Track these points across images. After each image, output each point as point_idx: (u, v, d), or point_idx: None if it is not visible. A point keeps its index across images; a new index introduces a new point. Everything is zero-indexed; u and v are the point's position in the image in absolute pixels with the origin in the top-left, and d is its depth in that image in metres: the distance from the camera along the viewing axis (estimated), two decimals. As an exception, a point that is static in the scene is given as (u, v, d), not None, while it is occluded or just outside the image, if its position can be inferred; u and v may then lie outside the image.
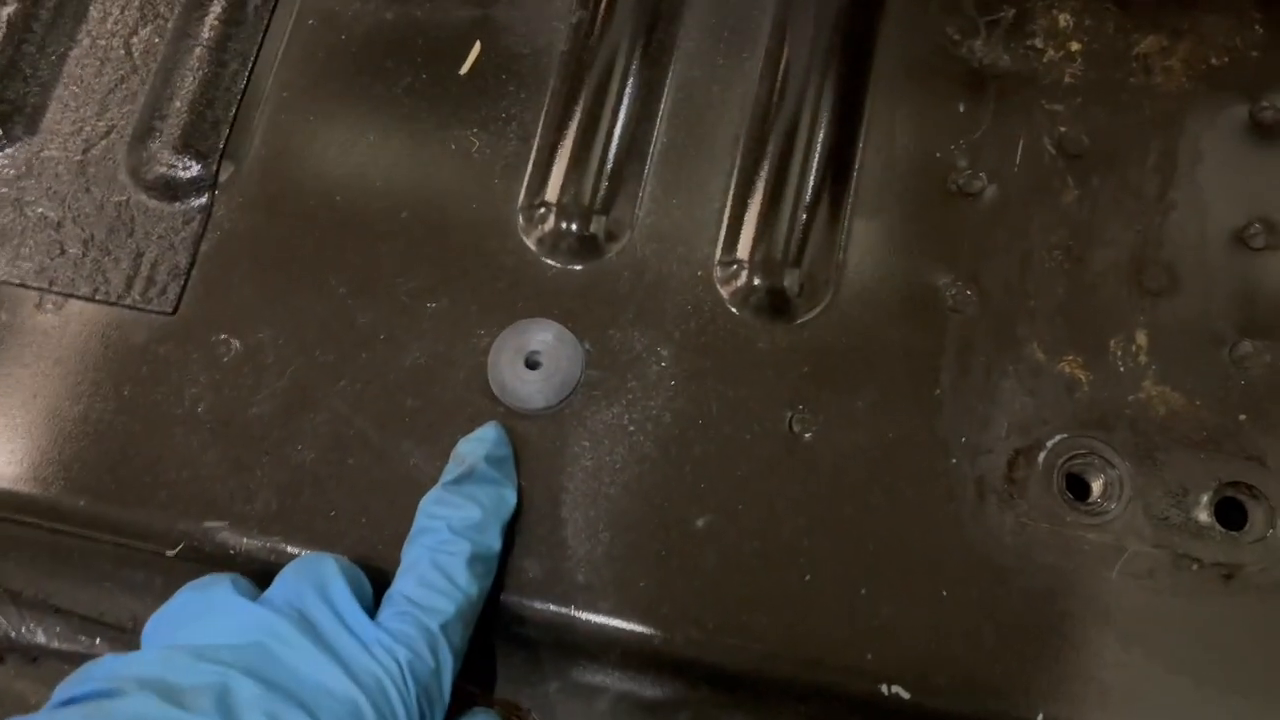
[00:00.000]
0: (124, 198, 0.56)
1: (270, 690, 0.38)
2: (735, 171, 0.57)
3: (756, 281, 0.54)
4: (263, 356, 0.54)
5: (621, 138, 0.57)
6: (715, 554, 0.51)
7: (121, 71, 0.58)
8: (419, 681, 0.41)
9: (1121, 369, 0.53)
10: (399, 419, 0.53)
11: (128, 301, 0.54)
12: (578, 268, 0.55)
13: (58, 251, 0.55)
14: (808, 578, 0.50)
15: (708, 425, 0.53)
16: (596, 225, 0.55)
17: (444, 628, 0.43)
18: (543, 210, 0.56)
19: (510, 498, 0.49)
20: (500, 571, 0.50)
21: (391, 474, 0.52)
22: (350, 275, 0.55)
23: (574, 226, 0.55)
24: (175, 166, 0.56)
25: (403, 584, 0.45)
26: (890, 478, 0.52)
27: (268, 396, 0.53)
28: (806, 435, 0.53)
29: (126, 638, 0.52)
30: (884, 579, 0.50)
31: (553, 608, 0.50)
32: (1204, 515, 0.51)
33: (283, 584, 0.44)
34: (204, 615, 0.42)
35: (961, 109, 0.57)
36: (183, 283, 0.54)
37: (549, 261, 0.55)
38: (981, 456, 0.52)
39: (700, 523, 0.51)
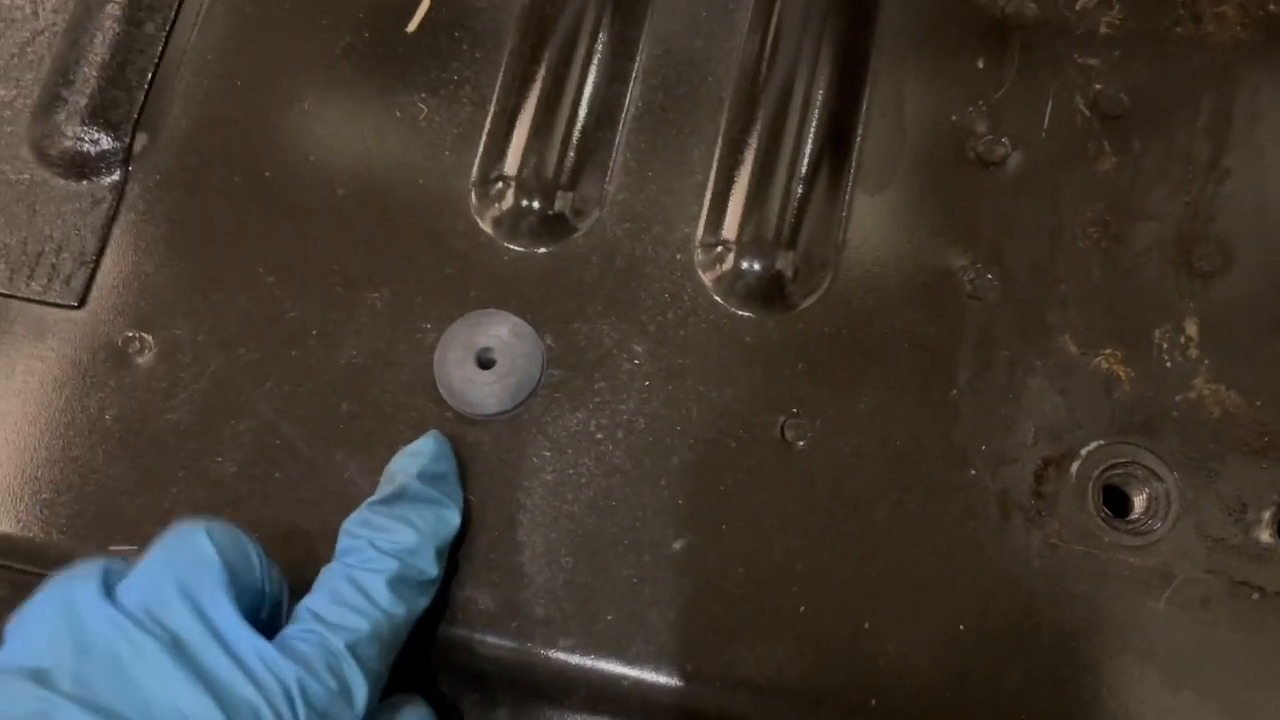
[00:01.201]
0: (25, 176, 0.49)
1: None
2: (720, 139, 0.49)
3: (745, 265, 0.47)
4: (179, 355, 0.47)
5: (590, 102, 0.50)
6: (695, 581, 0.44)
7: (27, 33, 0.52)
8: (313, 707, 0.35)
9: (1168, 364, 0.46)
10: (332, 426, 0.46)
11: (26, 293, 0.48)
12: (539, 251, 0.48)
13: (-51, 237, 0.48)
14: (802, 609, 0.43)
15: (687, 432, 0.46)
16: (561, 202, 0.48)
17: (353, 647, 0.37)
18: (499, 185, 0.49)
19: (452, 518, 0.42)
20: (447, 602, 0.43)
21: (323, 490, 0.45)
22: (279, 262, 0.48)
23: (535, 204, 0.48)
24: (83, 140, 0.49)
25: (311, 600, 0.38)
26: (898, 492, 0.45)
27: (184, 401, 0.46)
28: (801, 443, 0.45)
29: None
30: (891, 610, 0.43)
31: (508, 644, 0.44)
32: (1266, 535, 0.44)
33: (145, 575, 0.36)
34: (58, 620, 0.35)
35: (981, 65, 0.50)
36: (90, 271, 0.48)
37: (506, 244, 0.48)
38: (1005, 467, 0.45)
39: (678, 545, 0.44)
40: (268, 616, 0.38)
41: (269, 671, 0.34)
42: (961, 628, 0.43)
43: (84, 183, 0.49)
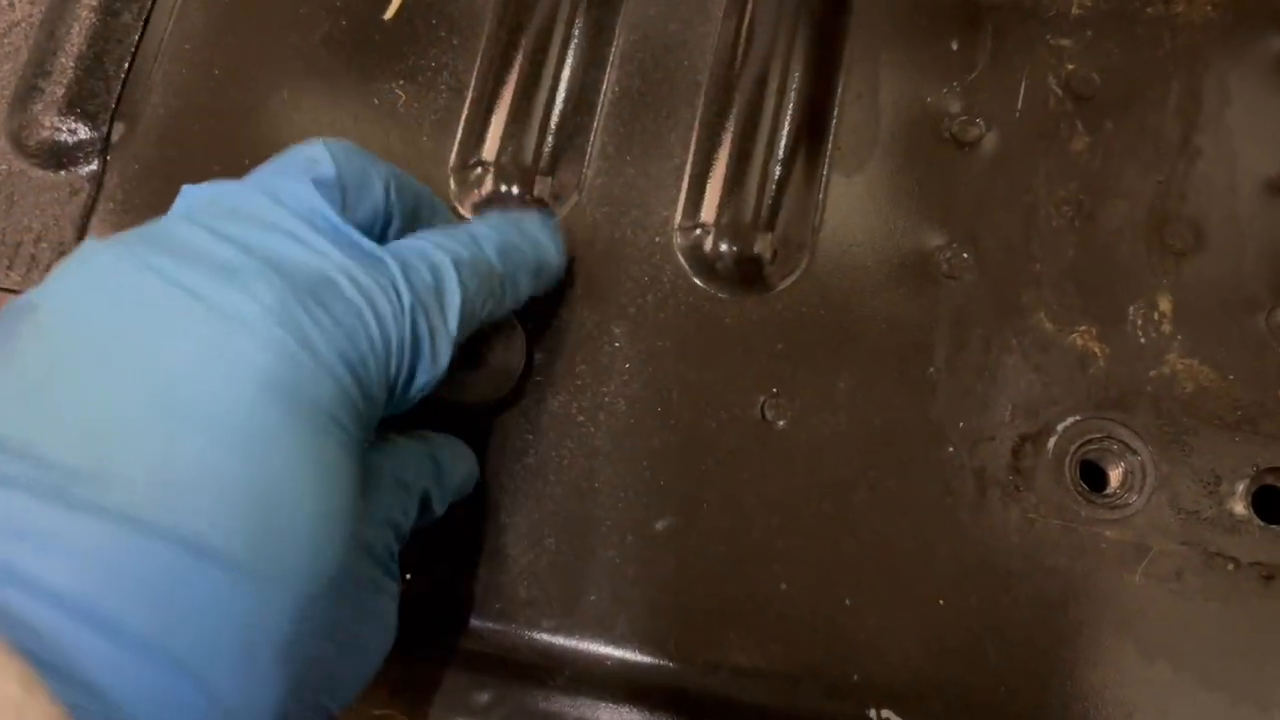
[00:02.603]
0: (3, 167, 0.49)
1: None
2: (697, 123, 0.50)
3: (723, 248, 0.47)
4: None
5: (568, 87, 0.50)
6: (677, 561, 0.44)
7: (3, 24, 0.52)
8: (415, 292, 0.34)
9: (1142, 340, 0.46)
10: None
11: (6, 284, 0.48)
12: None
13: (-74, 229, 0.48)
14: (783, 586, 0.44)
15: (668, 413, 0.46)
16: (540, 187, 0.48)
17: (456, 264, 0.36)
18: (479, 171, 0.49)
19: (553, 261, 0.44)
20: (430, 583, 0.44)
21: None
22: (259, 249, 0.48)
23: (514, 189, 0.48)
24: (60, 130, 0.49)
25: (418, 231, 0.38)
26: (877, 470, 0.45)
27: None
28: (780, 423, 0.46)
29: None
30: (871, 587, 0.44)
31: (491, 626, 0.44)
32: (1240, 507, 0.44)
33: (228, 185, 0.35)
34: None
35: (955, 46, 0.50)
36: (69, 262, 0.48)
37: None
38: (982, 444, 0.45)
39: (660, 525, 0.45)
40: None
41: (369, 255, 0.34)
42: (941, 603, 0.43)
43: (62, 173, 0.49)
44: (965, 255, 0.47)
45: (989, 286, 0.47)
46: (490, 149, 0.49)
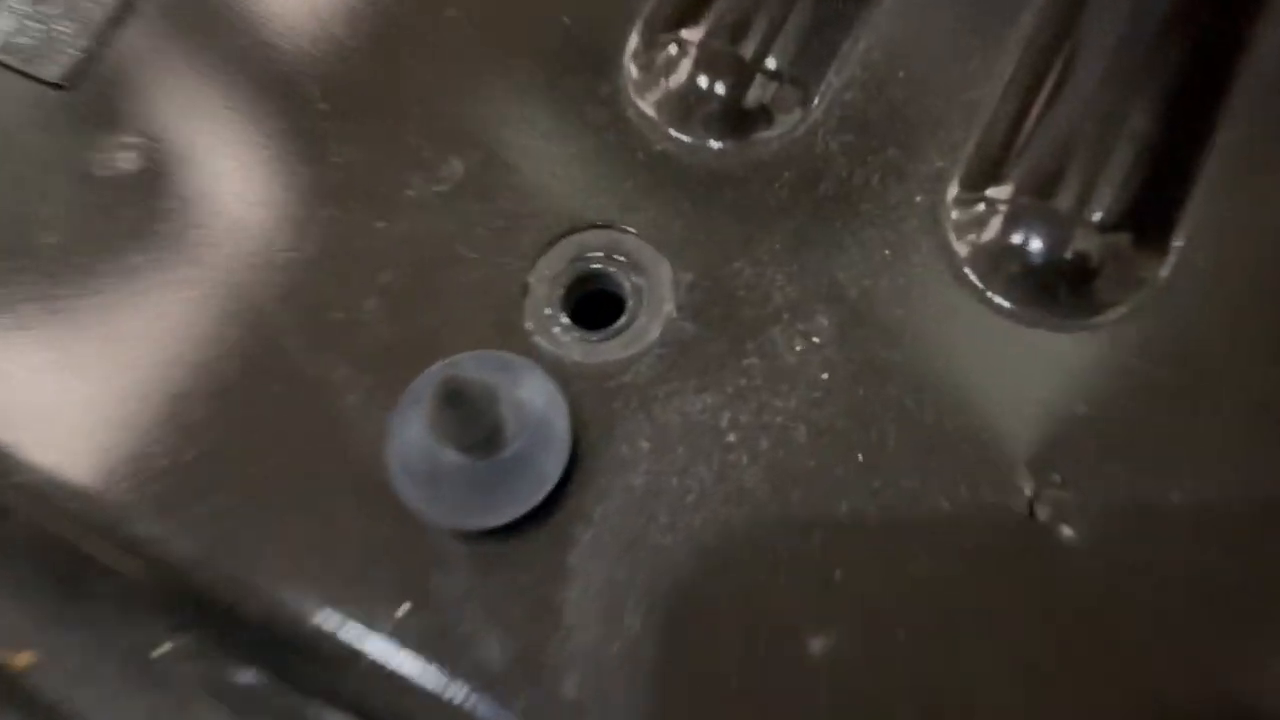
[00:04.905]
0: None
1: None
2: (1022, 46, 0.32)
3: (1020, 239, 0.29)
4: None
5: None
6: (833, 709, 0.26)
7: None
8: None
9: None
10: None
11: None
12: (710, 144, 0.32)
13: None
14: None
15: (874, 466, 0.28)
16: (759, 91, 0.32)
17: None
18: (673, 51, 0.33)
19: None
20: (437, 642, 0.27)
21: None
22: (332, 92, 0.33)
23: (719, 86, 0.32)
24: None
25: None
26: (1230, 636, 0.26)
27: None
28: (1063, 529, 0.27)
29: None
30: None
31: (506, 726, 0.27)
32: None
33: None
34: None
35: None
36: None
37: (671, 131, 0.32)
38: None
39: (816, 645, 0.26)
40: None
41: None
42: None
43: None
44: None
45: None
46: (695, 24, 0.33)
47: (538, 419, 0.28)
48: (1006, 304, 0.30)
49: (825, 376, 0.29)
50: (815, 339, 0.29)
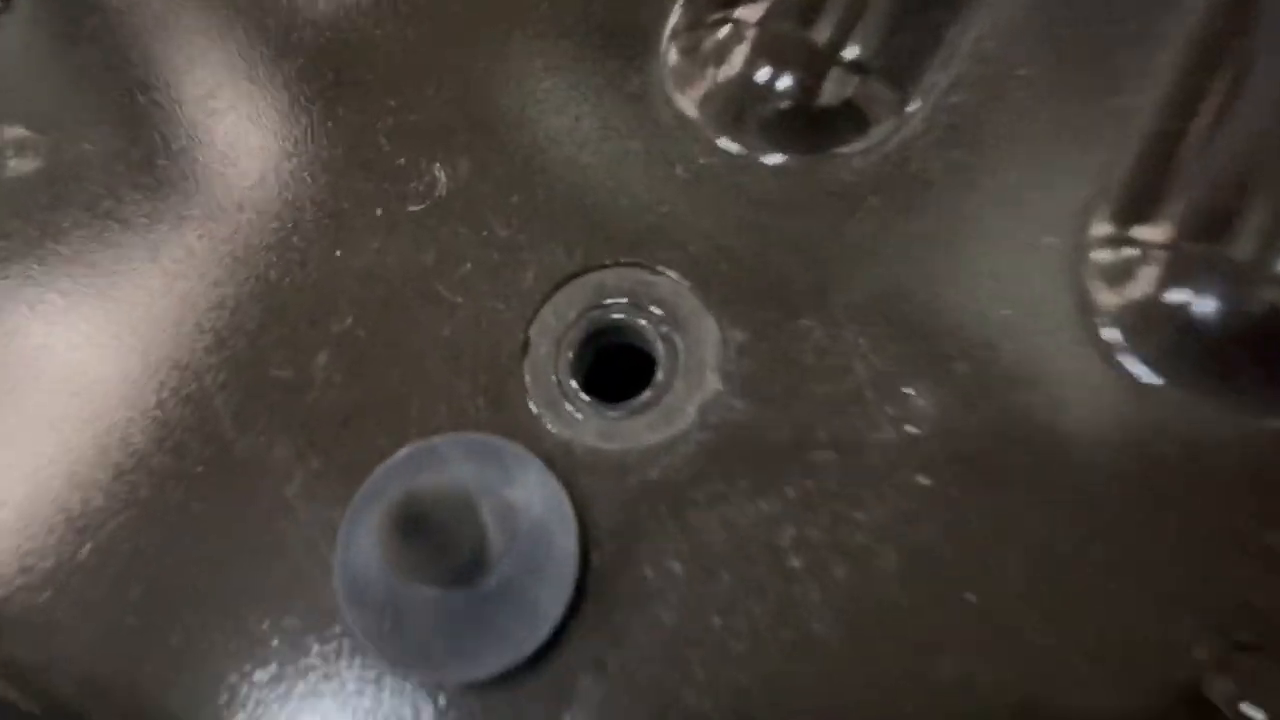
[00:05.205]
0: None
1: None
2: (1184, 47, 0.25)
3: (1181, 296, 0.22)
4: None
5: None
6: None
7: None
8: None
9: None
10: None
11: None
12: (770, 160, 0.24)
13: None
14: None
15: (985, 615, 0.20)
16: (837, 86, 0.24)
17: None
18: (726, 32, 0.25)
19: None
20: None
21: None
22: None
23: (785, 81, 0.24)
24: None
25: None
26: None
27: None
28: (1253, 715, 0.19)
29: None
30: None
31: None
32: None
33: None
34: None
35: None
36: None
37: (714, 139, 0.25)
38: None
39: None
40: None
41: None
42: None
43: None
44: None
45: None
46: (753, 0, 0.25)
47: (534, 531, 0.21)
48: (1160, 382, 0.22)
49: (925, 481, 0.21)
50: (910, 427, 0.22)
